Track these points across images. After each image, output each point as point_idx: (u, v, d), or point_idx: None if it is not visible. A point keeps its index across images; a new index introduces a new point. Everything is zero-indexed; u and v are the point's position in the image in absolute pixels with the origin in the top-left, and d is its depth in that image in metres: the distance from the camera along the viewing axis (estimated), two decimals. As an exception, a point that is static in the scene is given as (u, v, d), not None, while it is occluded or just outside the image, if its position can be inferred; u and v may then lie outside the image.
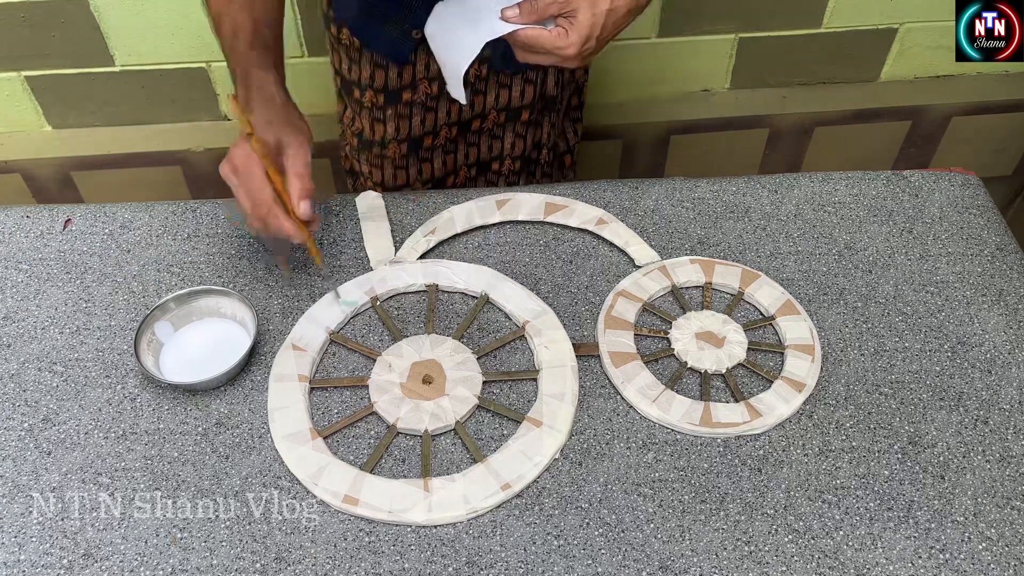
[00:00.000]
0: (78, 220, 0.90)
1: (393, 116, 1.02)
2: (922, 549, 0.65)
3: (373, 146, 1.06)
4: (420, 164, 1.08)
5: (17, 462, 0.70)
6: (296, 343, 0.77)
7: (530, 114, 1.05)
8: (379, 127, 1.04)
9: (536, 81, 1.02)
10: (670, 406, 0.73)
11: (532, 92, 1.02)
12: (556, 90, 1.05)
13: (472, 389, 0.74)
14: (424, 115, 1.02)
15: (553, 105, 1.06)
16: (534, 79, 1.01)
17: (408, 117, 1.02)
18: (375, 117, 1.03)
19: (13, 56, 1.43)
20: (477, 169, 1.11)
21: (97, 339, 0.79)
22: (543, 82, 1.03)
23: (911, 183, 0.94)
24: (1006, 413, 0.73)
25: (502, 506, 0.67)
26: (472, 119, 1.04)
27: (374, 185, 1.10)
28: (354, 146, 1.10)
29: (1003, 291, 0.83)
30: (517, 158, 1.09)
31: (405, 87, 0.99)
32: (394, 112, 1.02)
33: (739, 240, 0.88)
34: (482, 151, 1.08)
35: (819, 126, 1.64)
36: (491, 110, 1.03)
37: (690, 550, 0.65)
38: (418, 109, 1.01)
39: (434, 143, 1.06)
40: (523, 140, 1.07)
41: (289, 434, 0.71)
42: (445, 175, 1.10)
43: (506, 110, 1.04)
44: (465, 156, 1.09)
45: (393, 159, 1.06)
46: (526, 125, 1.06)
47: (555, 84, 1.04)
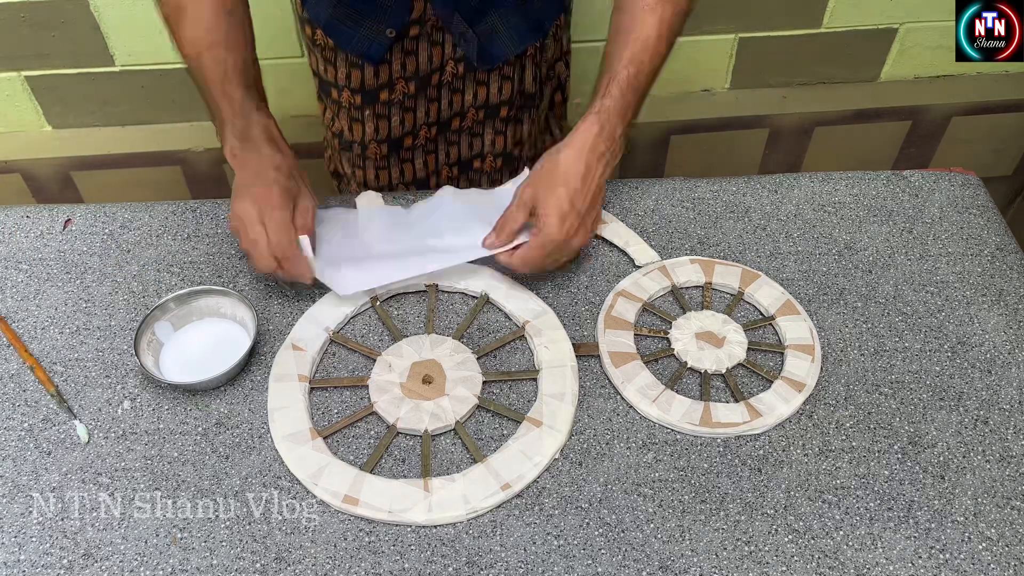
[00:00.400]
0: (78, 220, 0.90)
1: (371, 116, 1.02)
2: (922, 549, 0.65)
3: (353, 146, 1.06)
4: (401, 165, 1.07)
5: (17, 462, 0.70)
6: (296, 343, 0.77)
7: (509, 110, 1.04)
8: (358, 127, 1.03)
9: (513, 77, 1.01)
10: (670, 406, 0.73)
11: (510, 88, 1.02)
12: (535, 86, 1.04)
13: (472, 389, 0.74)
14: (403, 115, 1.02)
15: (533, 102, 1.06)
16: (511, 75, 1.01)
17: (387, 117, 1.02)
18: (353, 117, 1.03)
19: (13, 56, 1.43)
20: (459, 168, 1.10)
21: (97, 339, 0.79)
22: (521, 78, 1.02)
23: (911, 183, 0.94)
24: (1006, 413, 0.73)
25: (502, 506, 0.67)
26: (451, 118, 1.04)
27: (357, 186, 1.10)
28: (336, 147, 1.10)
29: (1003, 291, 0.83)
30: (499, 155, 1.09)
31: (382, 87, 0.99)
32: (372, 112, 1.01)
33: (739, 240, 0.88)
34: (463, 150, 1.08)
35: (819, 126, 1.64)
36: (470, 108, 1.03)
37: (690, 550, 0.65)
38: (396, 109, 1.01)
39: (414, 143, 1.05)
40: (504, 137, 1.07)
41: (289, 434, 0.71)
42: (427, 175, 1.09)
43: (484, 107, 1.03)
44: (446, 155, 1.08)
45: (374, 160, 1.06)
46: (505, 122, 1.06)
47: (534, 80, 1.03)
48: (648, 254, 0.86)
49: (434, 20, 0.94)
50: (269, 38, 1.45)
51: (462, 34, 0.95)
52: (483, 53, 0.97)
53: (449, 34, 0.95)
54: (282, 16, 1.38)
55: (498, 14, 0.95)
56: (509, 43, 0.98)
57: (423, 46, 0.96)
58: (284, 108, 1.56)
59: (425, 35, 0.95)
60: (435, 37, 0.95)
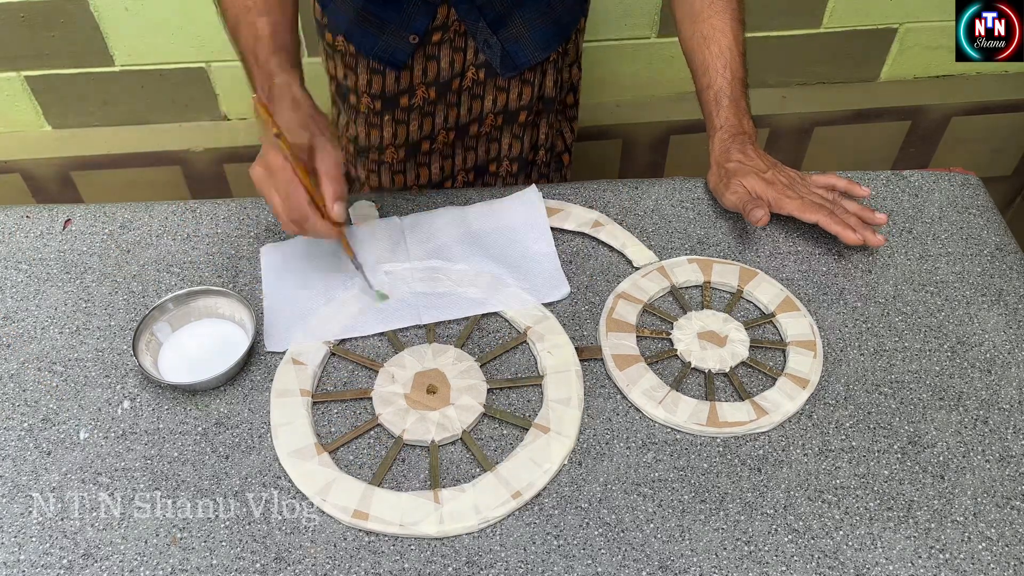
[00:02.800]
0: (78, 220, 0.90)
1: (390, 122, 1.01)
2: (922, 549, 0.65)
3: (370, 151, 1.05)
4: (418, 169, 1.07)
5: (17, 462, 0.70)
6: (296, 357, 0.76)
7: (527, 115, 1.04)
8: (375, 133, 1.03)
9: (534, 83, 1.01)
10: (676, 407, 0.73)
11: (530, 93, 1.02)
12: (555, 91, 1.04)
13: (477, 397, 0.74)
14: (422, 120, 1.02)
15: (551, 106, 1.06)
16: (532, 80, 1.01)
17: (406, 123, 1.02)
18: (371, 123, 1.02)
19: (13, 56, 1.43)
20: (475, 173, 1.10)
21: (97, 339, 0.79)
22: (541, 84, 1.02)
23: (911, 183, 0.94)
24: (1006, 413, 0.73)
25: (502, 506, 0.67)
26: (470, 123, 1.04)
27: (371, 190, 1.09)
28: (350, 152, 1.09)
29: (1003, 291, 0.83)
30: (515, 160, 1.09)
31: (403, 92, 0.99)
32: (391, 118, 1.01)
33: (739, 240, 0.88)
34: (479, 154, 1.08)
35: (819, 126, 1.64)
36: (488, 114, 1.03)
37: (690, 550, 0.65)
38: (416, 114, 1.01)
39: (432, 148, 1.05)
40: (520, 142, 1.07)
41: (295, 450, 0.70)
42: (443, 179, 1.09)
43: (504, 113, 1.03)
44: (463, 160, 1.08)
45: (390, 164, 1.06)
46: (523, 127, 1.05)
47: (554, 85, 1.03)
48: (645, 255, 0.86)
49: (457, 26, 0.93)
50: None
51: (485, 40, 0.94)
52: (506, 60, 0.96)
53: (472, 40, 0.95)
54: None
55: (523, 19, 0.94)
56: (534, 49, 0.97)
57: (445, 52, 0.95)
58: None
59: (448, 41, 0.94)
60: (457, 43, 0.95)
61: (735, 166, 0.86)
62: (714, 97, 0.88)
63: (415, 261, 0.84)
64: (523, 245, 0.86)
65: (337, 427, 0.73)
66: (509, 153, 1.08)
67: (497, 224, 0.87)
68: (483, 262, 0.83)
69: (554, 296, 0.82)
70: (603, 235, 0.88)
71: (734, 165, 0.86)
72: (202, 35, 1.44)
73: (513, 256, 0.85)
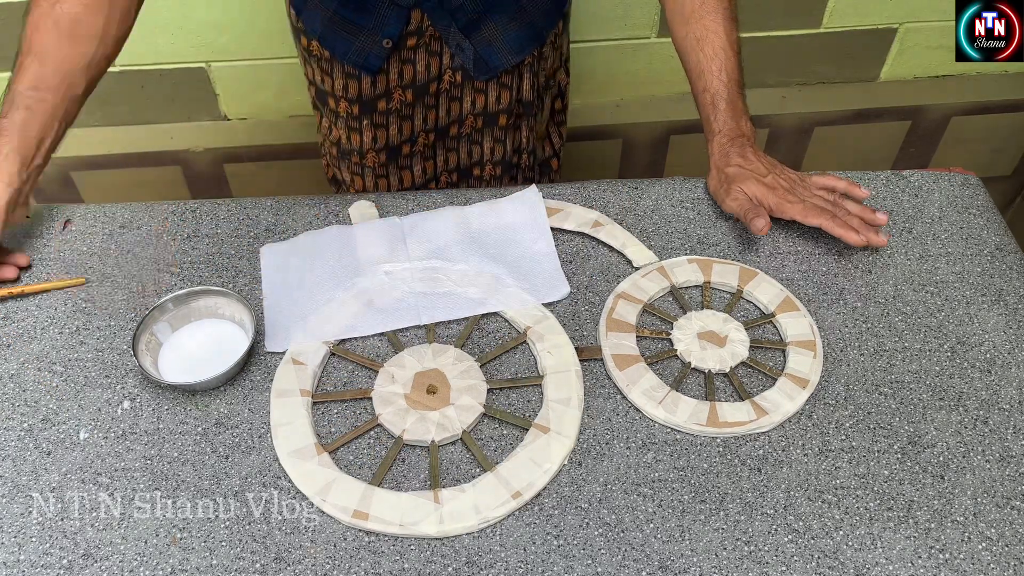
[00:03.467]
0: (78, 220, 0.90)
1: (369, 126, 1.01)
2: (922, 549, 0.65)
3: (352, 154, 1.05)
4: (400, 172, 1.07)
5: (17, 462, 0.70)
6: (296, 357, 0.77)
7: (508, 119, 1.04)
8: (355, 136, 1.03)
9: (512, 86, 1.01)
10: (676, 407, 0.73)
11: (508, 97, 1.02)
12: (532, 95, 1.04)
13: (477, 398, 0.74)
14: (400, 123, 1.01)
15: (531, 110, 1.06)
16: (509, 84, 1.01)
17: (385, 126, 1.01)
18: (351, 127, 1.02)
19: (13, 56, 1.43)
20: (459, 175, 1.10)
21: (97, 339, 0.79)
22: (519, 87, 1.02)
23: (911, 183, 0.94)
24: (1006, 413, 0.73)
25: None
26: (449, 125, 1.03)
27: (356, 192, 1.09)
28: (333, 155, 1.09)
29: (1003, 291, 0.83)
30: (498, 163, 1.08)
31: (379, 96, 0.98)
32: (370, 122, 1.01)
33: (739, 240, 0.88)
34: (462, 157, 1.08)
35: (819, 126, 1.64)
36: (468, 115, 1.02)
37: (690, 550, 0.65)
38: (394, 117, 1.01)
39: (412, 150, 1.05)
40: (503, 145, 1.07)
41: (295, 450, 0.70)
42: (426, 181, 1.09)
43: (483, 115, 1.03)
44: (445, 162, 1.08)
45: (373, 168, 1.06)
46: (504, 130, 1.05)
47: (531, 89, 1.03)
48: (645, 255, 0.86)
49: (431, 31, 0.93)
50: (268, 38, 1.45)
51: (459, 44, 0.94)
52: (480, 63, 0.96)
53: (446, 44, 0.95)
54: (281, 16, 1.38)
55: (495, 24, 0.94)
56: (507, 53, 0.97)
57: (421, 56, 0.95)
58: (283, 109, 1.56)
59: (423, 45, 0.95)
60: (433, 47, 0.95)
61: (735, 171, 0.85)
62: (711, 100, 0.88)
63: (415, 261, 0.84)
64: (523, 245, 0.86)
65: (337, 427, 0.73)
66: (492, 157, 1.08)
67: (497, 224, 0.87)
68: (483, 262, 0.83)
69: (554, 296, 0.82)
70: (603, 235, 0.88)
71: (734, 170, 0.86)
72: (202, 35, 1.44)
73: (513, 256, 0.85)
